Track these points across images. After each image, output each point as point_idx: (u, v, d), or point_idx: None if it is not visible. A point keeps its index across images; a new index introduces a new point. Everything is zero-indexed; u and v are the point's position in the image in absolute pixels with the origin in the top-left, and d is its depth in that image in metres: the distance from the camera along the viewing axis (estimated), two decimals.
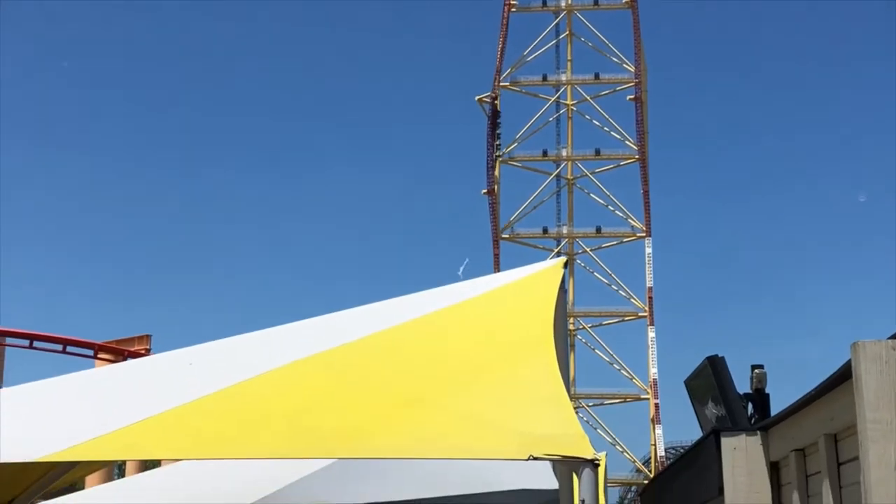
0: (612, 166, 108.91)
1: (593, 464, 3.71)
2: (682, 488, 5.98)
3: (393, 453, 4.61)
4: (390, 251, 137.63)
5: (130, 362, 8.89)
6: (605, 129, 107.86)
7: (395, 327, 5.65)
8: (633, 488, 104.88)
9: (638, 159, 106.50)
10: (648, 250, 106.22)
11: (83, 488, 16.50)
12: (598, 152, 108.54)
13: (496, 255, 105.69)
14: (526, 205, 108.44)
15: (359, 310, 6.61)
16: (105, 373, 8.24)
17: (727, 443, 4.69)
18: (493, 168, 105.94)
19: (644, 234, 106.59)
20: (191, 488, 10.31)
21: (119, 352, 43.36)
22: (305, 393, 4.97)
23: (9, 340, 44.79)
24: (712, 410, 6.63)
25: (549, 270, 5.87)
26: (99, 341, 46.13)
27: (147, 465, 36.81)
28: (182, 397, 5.00)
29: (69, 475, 9.54)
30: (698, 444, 5.47)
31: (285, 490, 9.37)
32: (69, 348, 45.08)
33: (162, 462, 29.73)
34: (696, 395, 6.93)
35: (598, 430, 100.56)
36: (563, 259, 6.07)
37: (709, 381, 6.51)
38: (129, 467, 40.58)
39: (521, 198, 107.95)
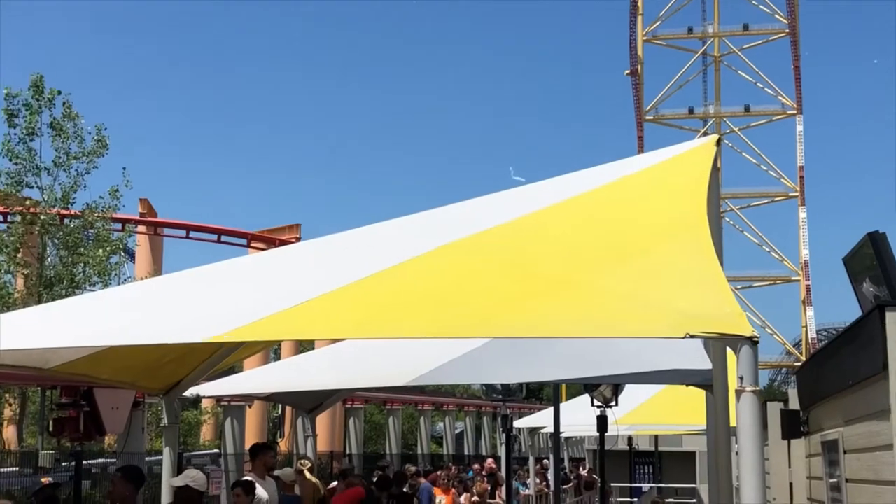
0: (760, 41, 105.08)
1: (752, 341, 3.64)
2: (842, 365, 5.83)
3: (545, 332, 4.62)
4: (530, 134, 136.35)
5: (284, 248, 9.13)
6: (754, 2, 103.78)
7: (544, 209, 5.62)
8: (784, 370, 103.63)
9: (788, 33, 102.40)
10: (799, 127, 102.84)
11: (242, 371, 17.21)
12: (746, 28, 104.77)
13: (640, 138, 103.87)
14: (671, 85, 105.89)
15: (506, 193, 6.59)
16: (260, 259, 8.49)
17: (892, 317, 4.52)
18: (636, 47, 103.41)
19: (795, 111, 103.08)
20: (346, 369, 10.62)
21: (271, 240, 44.51)
22: (457, 275, 5.01)
23: (167, 231, 46.48)
24: (870, 289, 6.42)
25: (701, 148, 5.72)
26: (251, 230, 47.49)
27: (301, 348, 38.11)
28: (337, 281, 5.11)
29: (231, 358, 9.95)
30: (860, 321, 5.30)
31: (439, 370, 9.54)
32: (223, 238, 46.45)
33: (316, 345, 30.71)
34: (855, 274, 6.72)
35: (747, 314, 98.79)
36: (715, 136, 5.90)
37: (868, 258, 6.29)
38: (284, 351, 42.04)
39: (665, 78, 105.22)
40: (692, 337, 3.67)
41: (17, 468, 22.62)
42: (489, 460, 26.90)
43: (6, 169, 28.59)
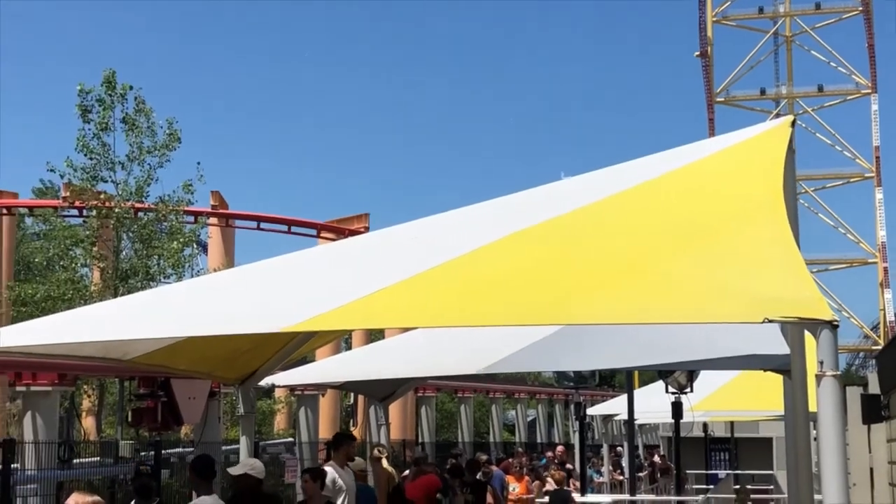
0: (833, 20, 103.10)
1: (832, 325, 3.57)
2: None
3: (618, 319, 4.58)
4: (598, 120, 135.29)
5: (355, 238, 9.20)
6: None
7: (617, 194, 5.57)
8: (861, 354, 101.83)
9: (861, 11, 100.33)
10: (874, 107, 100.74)
11: (314, 361, 17.39)
12: (818, 6, 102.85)
13: (711, 120, 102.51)
14: (742, 66, 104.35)
15: (577, 179, 6.55)
16: (331, 249, 8.56)
17: None
18: (706, 28, 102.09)
19: (869, 91, 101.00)
20: (418, 357, 10.66)
21: (340, 230, 44.79)
22: (529, 262, 4.99)
23: (238, 223, 47.04)
24: None
25: (776, 129, 5.63)
26: (321, 221, 47.86)
27: (372, 337, 38.35)
28: (409, 270, 5.13)
29: (304, 348, 10.03)
30: None
31: (511, 358, 9.53)
32: (293, 228, 46.87)
33: (386, 334, 30.90)
34: None
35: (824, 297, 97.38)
36: (790, 117, 5.79)
37: None
38: (354, 340, 42.37)
39: (736, 59, 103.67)
40: (771, 322, 3.61)
41: (98, 458, 23.09)
42: (559, 448, 26.84)
43: (81, 164, 29.16)
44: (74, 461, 21.63)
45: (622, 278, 4.52)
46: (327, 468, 10.61)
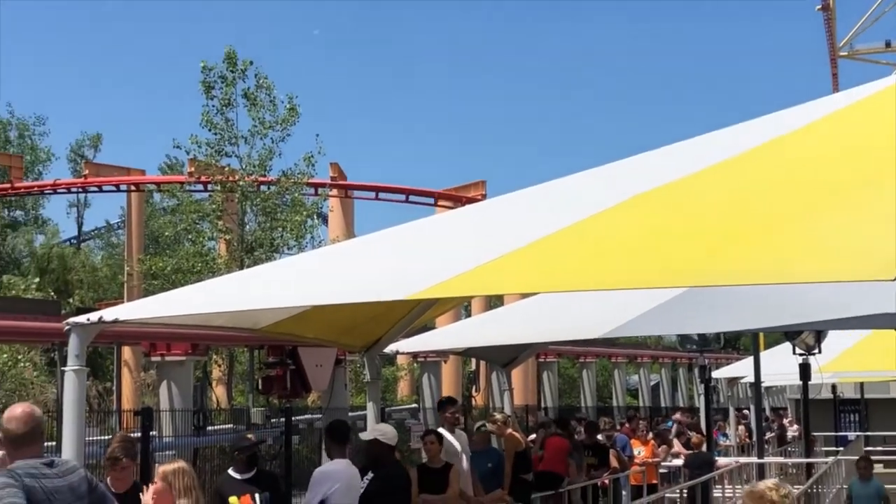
0: None
1: None
2: None
3: (745, 280, 4.53)
4: (718, 77, 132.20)
5: (474, 206, 9.27)
6: None
7: (743, 153, 5.49)
8: None
9: None
10: None
11: (435, 328, 17.57)
12: None
13: (834, 75, 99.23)
14: (865, 18, 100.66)
15: (701, 139, 6.46)
16: (451, 217, 8.63)
17: None
18: None
19: None
20: (540, 323, 10.70)
21: (457, 198, 44.89)
22: (651, 226, 4.96)
23: (357, 193, 47.57)
24: None
25: None
26: (438, 189, 48.02)
27: (492, 304, 38.50)
28: (530, 235, 5.15)
29: (426, 315, 10.17)
30: None
31: (634, 321, 9.50)
32: (411, 197, 47.16)
33: (505, 301, 30.94)
34: None
35: None
36: None
37: None
38: (474, 308, 42.57)
39: (859, 11, 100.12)
40: None
41: (232, 425, 23.80)
42: (677, 414, 26.55)
43: (206, 140, 29.89)
44: (208, 428, 22.34)
45: (749, 238, 4.47)
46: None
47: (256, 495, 7.97)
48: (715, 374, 22.13)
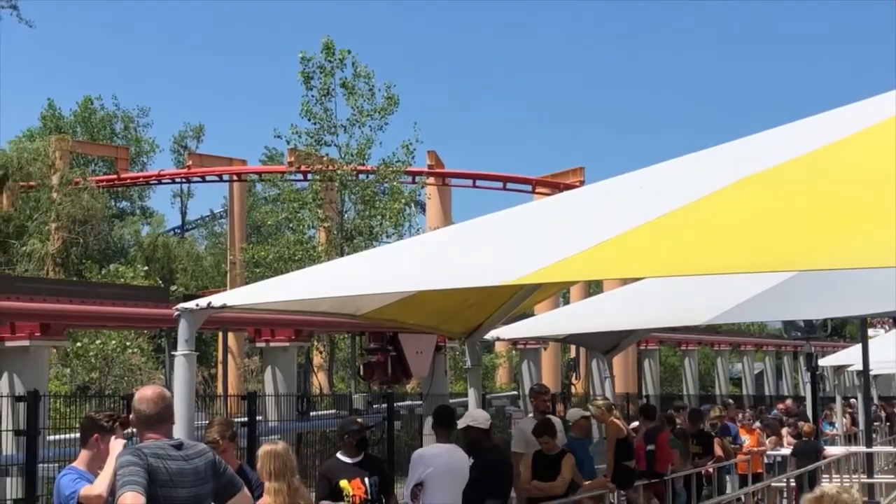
0: None
1: None
2: None
3: (854, 263, 4.43)
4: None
5: (574, 191, 9.22)
6: None
7: (846, 138, 5.38)
8: None
9: None
10: None
11: (534, 316, 17.54)
12: None
13: None
14: None
15: (801, 123, 6.33)
16: (551, 203, 8.61)
17: None
18: None
19: None
20: (642, 309, 10.61)
21: (555, 185, 44.64)
22: (757, 209, 4.89)
23: (454, 181, 47.67)
24: None
25: None
26: (536, 176, 47.86)
27: (591, 291, 38.28)
28: (633, 220, 5.11)
29: (527, 302, 10.18)
30: None
31: (738, 308, 9.38)
32: (508, 185, 47.05)
33: (604, 288, 30.71)
34: None
35: None
36: None
37: None
38: (573, 295, 42.36)
39: None
40: None
41: (334, 410, 24.13)
42: (788, 401, 26.10)
43: (305, 129, 30.31)
44: (311, 413, 22.68)
45: (856, 221, 4.38)
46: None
47: (366, 479, 8.03)
48: (821, 361, 21.69)
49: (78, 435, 6.79)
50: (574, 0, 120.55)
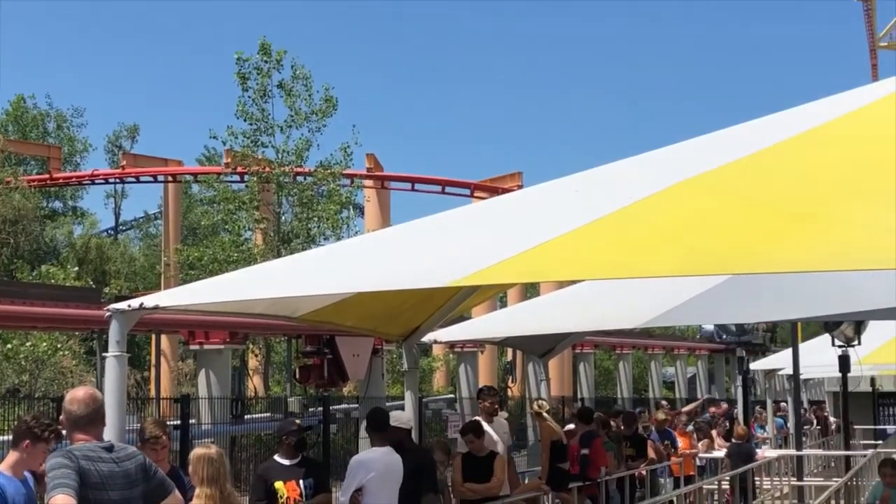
0: None
1: None
2: None
3: (786, 268, 4.50)
4: (756, 68, 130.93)
5: (511, 194, 9.24)
6: None
7: (782, 142, 5.45)
8: None
9: None
10: None
11: (471, 319, 17.57)
12: None
13: (874, 66, 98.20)
14: None
15: (737, 128, 6.41)
16: (488, 206, 8.62)
17: None
18: None
19: None
20: (577, 313, 10.67)
21: (493, 189, 44.74)
22: (694, 213, 4.93)
23: (393, 184, 47.61)
24: None
25: None
26: (474, 180, 47.95)
27: (528, 294, 38.45)
28: (571, 223, 5.13)
29: (464, 304, 10.18)
30: None
31: (672, 312, 9.46)
32: (447, 189, 47.08)
33: (541, 291, 30.86)
34: None
35: None
36: None
37: None
38: (510, 298, 42.53)
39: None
40: None
41: (269, 413, 23.96)
42: (723, 405, 26.42)
43: (242, 130, 30.06)
44: (246, 417, 22.49)
45: (789, 226, 4.44)
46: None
47: (301, 481, 8.00)
48: (753, 365, 22.01)
49: (6, 438, 6.68)
50: (511, 1, 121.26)
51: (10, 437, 6.50)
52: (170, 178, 46.59)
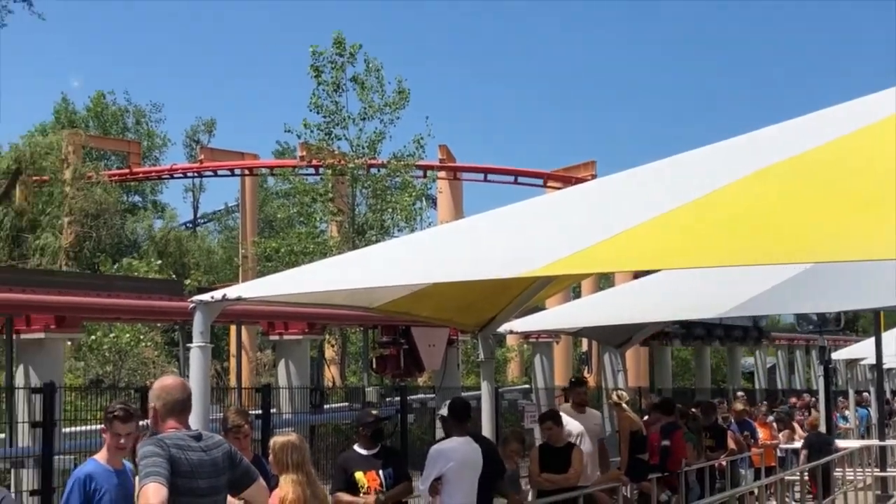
0: None
1: None
2: None
3: (868, 255, 4.43)
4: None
5: (587, 184, 9.21)
6: None
7: (860, 129, 5.37)
8: None
9: None
10: None
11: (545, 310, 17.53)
12: None
13: None
14: None
15: (813, 116, 6.32)
16: (564, 196, 8.61)
17: None
18: None
19: None
20: (654, 303, 10.61)
21: (567, 179, 44.53)
22: (774, 200, 4.89)
23: (465, 175, 47.62)
24: None
25: None
26: (547, 170, 47.77)
27: (601, 285, 38.24)
28: (647, 213, 5.11)
29: (539, 295, 10.19)
30: None
31: (751, 301, 9.36)
32: (520, 179, 46.96)
33: (616, 281, 30.63)
34: None
35: None
36: None
37: None
38: (584, 289, 42.32)
39: None
40: None
41: (347, 403, 24.15)
42: (805, 395, 26.06)
43: (316, 123, 30.33)
44: (325, 406, 22.70)
45: (871, 213, 4.37)
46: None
47: (381, 471, 8.07)
48: (835, 355, 21.66)
49: (92, 427, 6.84)
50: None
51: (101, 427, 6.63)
52: (246, 172, 47.17)
